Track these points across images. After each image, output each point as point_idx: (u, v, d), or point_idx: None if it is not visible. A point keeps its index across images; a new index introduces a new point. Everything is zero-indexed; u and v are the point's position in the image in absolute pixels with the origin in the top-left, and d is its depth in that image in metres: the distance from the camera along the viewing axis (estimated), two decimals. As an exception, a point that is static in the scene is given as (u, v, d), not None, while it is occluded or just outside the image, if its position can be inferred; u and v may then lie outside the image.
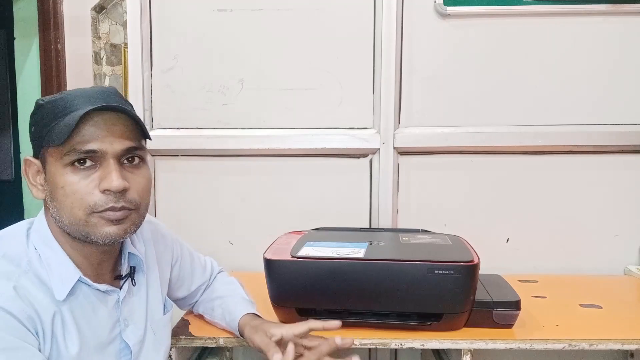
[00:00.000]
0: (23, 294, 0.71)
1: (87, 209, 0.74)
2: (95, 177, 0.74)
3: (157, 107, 1.49)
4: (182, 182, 1.50)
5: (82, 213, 0.74)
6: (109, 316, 0.82)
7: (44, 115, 0.76)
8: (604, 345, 0.97)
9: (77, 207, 0.74)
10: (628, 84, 1.42)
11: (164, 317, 0.93)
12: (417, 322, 1.00)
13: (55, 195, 0.75)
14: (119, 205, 0.75)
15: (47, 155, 0.76)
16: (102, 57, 2.60)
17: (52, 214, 0.77)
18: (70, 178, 0.74)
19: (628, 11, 1.40)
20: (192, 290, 1.08)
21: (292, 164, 1.48)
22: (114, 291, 0.83)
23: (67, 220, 0.75)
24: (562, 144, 1.43)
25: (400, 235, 1.19)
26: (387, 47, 1.41)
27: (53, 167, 0.75)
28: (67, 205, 0.74)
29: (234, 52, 1.46)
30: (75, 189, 0.74)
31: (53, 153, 0.75)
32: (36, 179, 0.79)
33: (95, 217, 0.75)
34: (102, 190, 0.74)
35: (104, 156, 0.75)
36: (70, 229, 0.76)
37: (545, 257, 1.47)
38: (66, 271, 0.77)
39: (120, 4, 2.56)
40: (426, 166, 1.46)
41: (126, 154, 0.77)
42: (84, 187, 0.74)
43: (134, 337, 0.85)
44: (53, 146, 0.74)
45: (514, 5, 1.40)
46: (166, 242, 1.00)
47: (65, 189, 0.74)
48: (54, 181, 0.75)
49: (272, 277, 1.03)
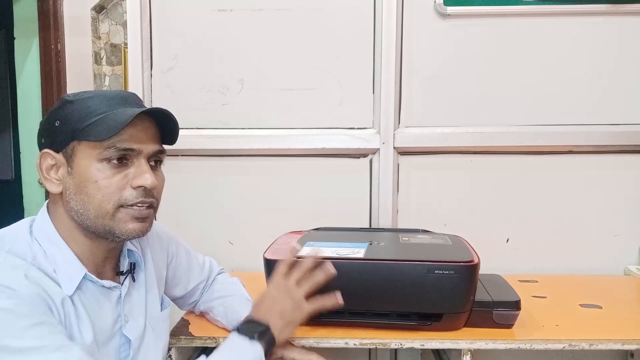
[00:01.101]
0: (34, 281, 0.73)
1: (116, 203, 0.78)
2: (127, 174, 0.78)
3: (157, 107, 1.48)
4: (182, 182, 1.50)
5: (111, 207, 0.78)
6: (111, 312, 0.84)
7: (74, 111, 0.78)
8: (604, 345, 0.97)
9: (107, 201, 0.77)
10: (628, 84, 1.42)
11: (161, 313, 0.94)
12: (417, 322, 1.00)
13: (84, 188, 0.77)
14: (148, 199, 0.80)
15: (77, 150, 0.78)
16: (102, 57, 2.60)
17: (74, 207, 0.78)
18: (104, 173, 0.77)
19: (628, 11, 1.40)
20: (189, 289, 1.09)
21: (292, 164, 1.48)
22: (117, 287, 0.85)
23: (94, 214, 0.78)
24: (562, 144, 1.43)
25: (400, 235, 1.19)
26: (387, 47, 1.41)
27: (85, 161, 0.77)
28: (97, 199, 0.77)
29: (234, 52, 1.46)
30: (108, 183, 0.77)
31: (88, 147, 0.77)
32: (50, 173, 0.80)
33: (122, 212, 0.79)
34: (135, 186, 0.78)
35: (138, 156, 0.79)
36: (94, 222, 0.78)
37: (545, 257, 1.47)
38: (72, 268, 0.78)
39: (120, 4, 2.56)
40: (426, 166, 1.46)
41: (154, 156, 0.82)
42: (117, 183, 0.78)
43: (135, 332, 0.87)
44: (90, 141, 0.76)
45: (514, 5, 1.40)
46: (161, 240, 1.01)
47: (98, 183, 0.77)
48: (84, 175, 0.77)
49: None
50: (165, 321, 0.95)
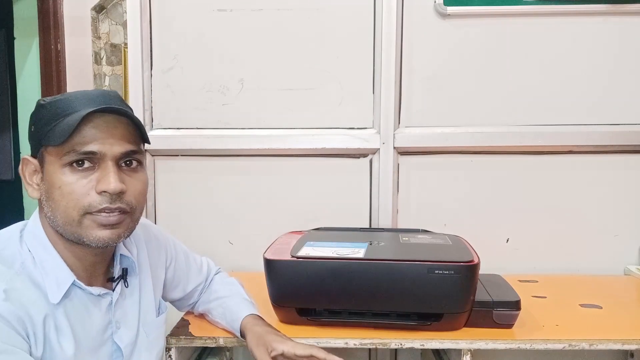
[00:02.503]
0: (14, 296, 0.70)
1: (81, 209, 0.74)
2: (92, 179, 0.75)
3: (157, 107, 1.49)
4: (182, 182, 1.50)
5: (76, 214, 0.74)
6: (101, 319, 0.82)
7: (44, 115, 0.76)
8: (604, 345, 0.97)
9: (71, 208, 0.74)
10: (628, 84, 1.42)
11: (157, 319, 0.93)
12: (417, 322, 1.00)
13: (51, 194, 0.75)
14: (115, 205, 0.75)
15: (45, 155, 0.76)
16: (102, 57, 2.60)
17: (47, 213, 0.77)
18: (67, 178, 0.74)
19: (628, 11, 1.40)
20: (188, 291, 1.08)
21: (292, 164, 1.48)
22: (107, 294, 0.83)
23: (61, 221, 0.75)
24: (562, 144, 1.43)
25: (400, 235, 1.19)
26: (387, 47, 1.41)
27: (51, 166, 0.75)
28: (62, 205, 0.74)
29: (234, 52, 1.46)
30: (71, 189, 0.74)
31: (52, 153, 0.75)
32: (32, 179, 0.79)
33: (89, 218, 0.75)
34: (99, 191, 0.74)
35: (103, 158, 0.75)
36: (63, 229, 0.76)
37: (545, 257, 1.47)
38: (61, 274, 0.77)
39: (120, 4, 2.56)
40: (426, 166, 1.46)
41: (125, 157, 0.77)
42: (81, 188, 0.74)
43: (126, 339, 0.85)
44: (53, 146, 0.74)
45: (514, 5, 1.40)
46: (159, 243, 1.00)
47: (62, 189, 0.74)
48: (51, 181, 0.75)
49: (272, 277, 1.03)
50: (160, 327, 0.94)
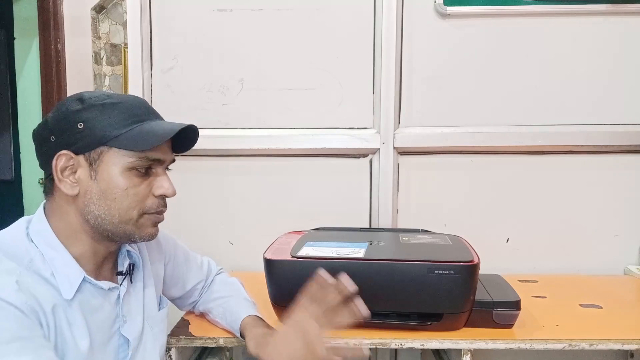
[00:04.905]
0: (25, 288, 0.72)
1: (141, 210, 0.81)
2: (149, 182, 0.82)
3: (157, 107, 1.45)
4: (182, 182, 1.49)
5: (135, 213, 0.81)
6: (110, 312, 0.84)
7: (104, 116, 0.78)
8: (604, 345, 0.97)
9: (133, 208, 0.80)
10: (628, 84, 1.42)
11: (159, 312, 0.95)
12: (417, 322, 1.00)
13: (110, 194, 0.79)
14: (166, 208, 0.85)
15: (105, 155, 0.78)
16: (102, 57, 2.60)
17: (95, 211, 0.79)
18: (133, 181, 0.80)
19: (628, 11, 1.40)
20: (187, 289, 1.09)
21: (292, 164, 1.48)
22: (115, 288, 0.85)
23: (118, 219, 0.80)
24: (562, 144, 1.43)
25: (400, 235, 1.19)
26: (387, 47, 1.41)
27: (114, 167, 0.78)
28: (124, 206, 0.80)
29: (234, 52, 1.46)
30: (136, 192, 0.80)
31: (118, 155, 0.78)
32: (69, 175, 0.78)
33: (145, 218, 0.82)
34: (158, 194, 0.83)
35: (161, 165, 0.84)
36: (117, 227, 0.80)
37: (545, 257, 1.47)
38: (71, 271, 0.78)
39: (120, 4, 2.56)
40: (426, 166, 1.46)
41: (170, 164, 0.87)
42: (143, 191, 0.81)
43: (133, 332, 0.87)
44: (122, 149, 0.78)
45: (514, 5, 1.40)
46: (158, 240, 1.01)
47: (128, 190, 0.80)
48: (112, 181, 0.78)
49: (272, 277, 1.03)
50: (163, 321, 0.96)
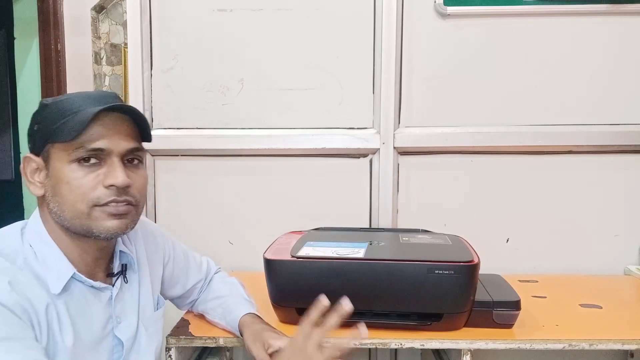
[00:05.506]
0: (18, 288, 0.72)
1: (90, 202, 0.77)
2: (99, 174, 0.78)
3: (157, 107, 1.49)
4: (182, 182, 1.51)
5: (84, 207, 0.77)
6: (102, 313, 0.84)
7: (49, 113, 0.78)
8: (604, 345, 0.97)
9: (79, 201, 0.77)
10: (628, 84, 1.42)
11: (155, 313, 0.95)
12: (417, 322, 1.00)
13: (58, 190, 0.78)
14: (122, 198, 0.78)
15: (52, 152, 0.78)
16: (102, 57, 2.60)
17: (53, 209, 0.79)
18: (75, 174, 0.77)
19: (628, 11, 1.40)
20: (187, 289, 1.09)
21: (292, 164, 1.48)
22: (107, 288, 0.85)
23: (69, 215, 0.78)
24: (562, 144, 1.43)
25: (400, 235, 1.19)
26: (387, 47, 1.41)
27: (59, 163, 0.77)
28: (70, 200, 0.77)
29: (234, 52, 1.46)
30: (79, 184, 0.77)
31: (59, 149, 0.77)
32: (34, 177, 0.80)
33: (98, 210, 0.78)
34: (107, 185, 0.77)
35: (109, 155, 0.78)
36: (71, 223, 0.78)
37: (545, 257, 1.47)
38: (62, 267, 0.79)
39: (120, 4, 2.56)
40: (426, 166, 1.46)
41: (129, 154, 0.81)
42: (88, 183, 0.77)
43: (127, 333, 0.87)
44: (61, 142, 0.76)
45: (514, 5, 1.40)
46: (156, 240, 1.01)
47: (70, 184, 0.77)
48: (58, 177, 0.77)
49: (272, 277, 1.03)
50: (158, 321, 0.96)
